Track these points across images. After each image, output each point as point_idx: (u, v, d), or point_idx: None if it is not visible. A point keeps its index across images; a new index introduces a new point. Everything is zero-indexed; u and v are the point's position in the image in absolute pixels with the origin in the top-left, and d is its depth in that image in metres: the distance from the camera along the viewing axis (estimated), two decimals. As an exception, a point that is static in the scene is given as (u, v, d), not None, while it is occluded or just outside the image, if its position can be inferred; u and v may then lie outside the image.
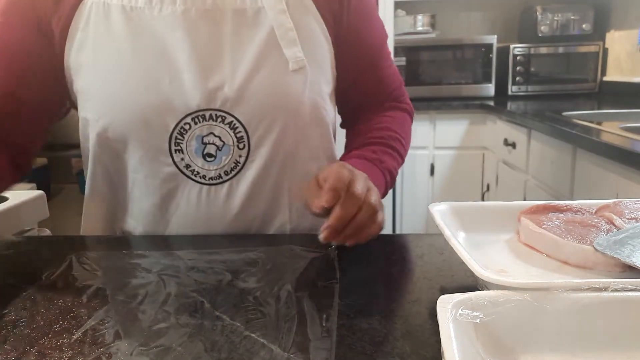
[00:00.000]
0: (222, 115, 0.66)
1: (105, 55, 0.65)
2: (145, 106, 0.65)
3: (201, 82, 0.65)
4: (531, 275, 0.48)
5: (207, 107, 0.65)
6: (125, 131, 0.66)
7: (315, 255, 0.59)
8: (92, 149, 0.69)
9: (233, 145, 0.67)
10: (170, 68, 0.65)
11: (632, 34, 2.29)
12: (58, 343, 0.42)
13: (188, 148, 0.66)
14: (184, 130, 0.66)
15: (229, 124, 0.66)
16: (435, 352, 0.39)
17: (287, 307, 0.47)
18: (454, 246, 0.48)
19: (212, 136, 0.66)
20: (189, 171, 0.67)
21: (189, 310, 0.47)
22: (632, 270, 0.45)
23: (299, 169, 0.72)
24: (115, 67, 0.65)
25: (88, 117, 0.68)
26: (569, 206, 0.58)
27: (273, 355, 0.40)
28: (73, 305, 0.49)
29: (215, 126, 0.66)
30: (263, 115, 0.67)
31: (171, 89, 0.64)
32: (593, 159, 1.37)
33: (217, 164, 0.67)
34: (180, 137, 0.66)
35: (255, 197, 0.70)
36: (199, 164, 0.67)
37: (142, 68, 0.65)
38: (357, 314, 0.46)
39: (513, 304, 0.37)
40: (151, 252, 0.62)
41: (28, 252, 0.64)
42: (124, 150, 0.68)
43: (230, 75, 0.65)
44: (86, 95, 0.67)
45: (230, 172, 0.68)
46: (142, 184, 0.70)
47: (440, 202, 0.59)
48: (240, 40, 0.66)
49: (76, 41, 0.66)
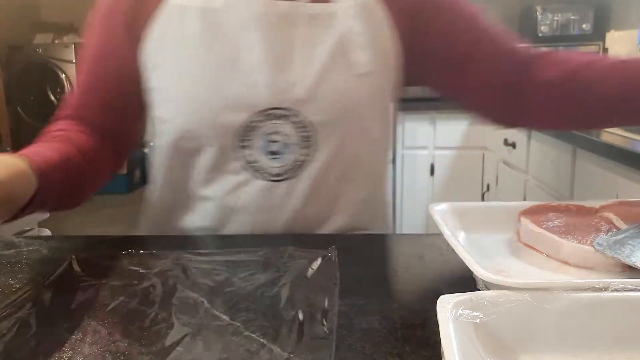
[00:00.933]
0: (289, 114, 0.68)
1: (180, 55, 0.68)
2: (216, 105, 0.67)
3: (272, 81, 0.67)
4: (531, 275, 0.48)
5: (276, 106, 0.67)
6: (197, 129, 0.69)
7: (315, 255, 0.59)
8: (164, 146, 0.72)
9: (298, 144, 0.69)
10: (242, 68, 0.67)
11: (632, 34, 2.29)
12: (58, 343, 0.42)
13: (255, 145, 0.69)
14: (252, 128, 0.68)
15: (295, 124, 0.68)
16: (435, 352, 0.39)
17: (287, 307, 0.47)
18: (454, 246, 0.48)
19: (278, 135, 0.68)
20: (254, 168, 0.69)
21: (189, 310, 0.47)
22: (632, 270, 0.45)
23: (360, 170, 0.74)
24: (189, 67, 0.68)
25: (162, 116, 0.71)
26: (569, 206, 0.58)
27: (273, 355, 0.40)
28: (73, 305, 0.49)
29: (281, 125, 0.68)
30: (329, 117, 0.69)
31: (242, 88, 0.67)
32: (593, 159, 1.37)
33: (280, 162, 0.69)
34: (248, 135, 0.68)
35: (315, 196, 0.71)
36: (263, 161, 0.69)
37: (214, 68, 0.67)
38: (357, 314, 0.46)
39: (513, 304, 0.37)
40: (151, 252, 0.61)
41: (28, 252, 0.64)
42: (194, 147, 0.70)
43: (301, 76, 0.68)
44: (161, 94, 0.71)
45: (293, 170, 0.70)
46: (208, 181, 0.72)
47: (441, 202, 0.59)
48: (312, 43, 0.69)
49: (154, 41, 0.69)
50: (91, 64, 0.75)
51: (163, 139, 0.72)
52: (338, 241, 0.65)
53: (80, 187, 0.69)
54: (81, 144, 0.69)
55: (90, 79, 0.75)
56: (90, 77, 0.75)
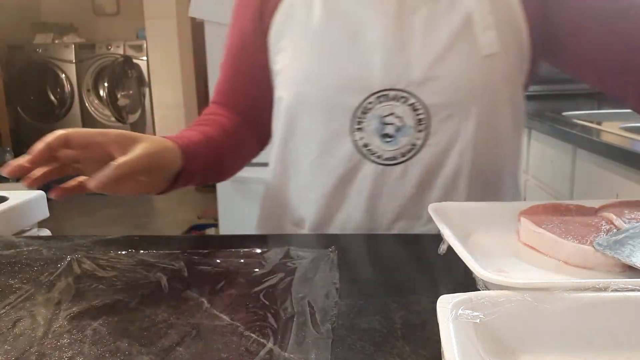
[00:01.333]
0: (405, 95, 0.66)
1: (302, 38, 0.70)
2: (332, 85, 0.68)
3: (388, 62, 0.66)
4: (531, 275, 0.48)
5: (391, 87, 0.66)
6: (312, 108, 0.69)
7: (315, 255, 0.59)
8: (280, 128, 0.74)
9: (413, 127, 0.67)
10: (359, 48, 0.67)
11: (632, 34, 2.28)
12: (58, 343, 0.42)
13: (368, 127, 0.68)
14: (366, 109, 0.67)
15: (411, 105, 0.66)
16: (435, 352, 0.39)
17: (286, 307, 0.47)
18: (454, 246, 0.48)
19: (393, 117, 0.67)
20: (366, 150, 0.69)
21: (189, 310, 0.47)
22: (632, 270, 0.45)
23: (479, 157, 0.70)
24: (309, 47, 0.69)
25: (281, 96, 0.73)
26: (569, 206, 0.58)
27: (273, 355, 0.40)
28: (73, 305, 0.49)
29: (397, 106, 0.67)
30: (448, 100, 0.66)
31: (358, 69, 0.67)
32: (593, 159, 1.37)
33: (394, 145, 0.68)
34: (362, 116, 0.67)
35: (429, 182, 0.69)
36: (376, 144, 0.68)
37: (332, 47, 0.68)
38: (357, 314, 0.46)
39: (513, 304, 0.37)
40: (151, 252, 0.62)
41: (28, 252, 0.64)
42: (308, 127, 0.71)
43: (419, 56, 0.66)
44: (282, 75, 0.73)
45: (407, 154, 0.68)
46: (319, 165, 0.72)
47: (440, 202, 0.59)
48: (433, 23, 0.66)
49: (279, 26, 0.72)
50: (230, 54, 0.80)
51: (279, 121, 0.74)
52: (338, 241, 0.65)
53: (223, 163, 0.76)
54: (224, 126, 0.76)
55: (230, 68, 0.80)
56: (230, 67, 0.80)
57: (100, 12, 4.89)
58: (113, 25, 4.87)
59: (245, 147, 0.81)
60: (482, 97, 0.68)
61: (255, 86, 0.79)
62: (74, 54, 4.52)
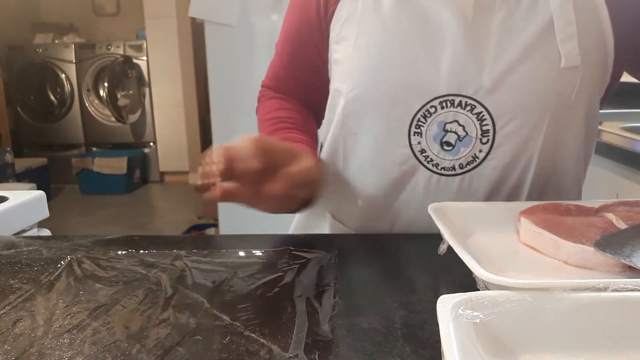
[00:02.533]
0: (472, 103, 0.62)
1: (369, 29, 0.65)
2: (396, 83, 0.64)
3: (458, 65, 0.62)
4: (531, 275, 0.48)
5: (457, 93, 0.62)
6: (372, 105, 0.65)
7: (314, 255, 0.59)
8: (336, 119, 0.70)
9: (476, 137, 0.63)
10: (429, 48, 0.63)
11: (632, 34, 2.28)
12: (58, 343, 0.42)
13: (427, 132, 0.64)
14: (428, 113, 0.63)
15: (477, 115, 0.62)
16: (435, 352, 0.39)
17: (287, 307, 0.47)
18: (454, 246, 0.48)
19: (456, 124, 0.63)
20: (422, 157, 0.65)
21: (189, 310, 0.47)
22: (632, 270, 0.45)
23: (543, 171, 0.66)
24: (376, 41, 0.65)
25: (340, 88, 0.69)
26: (569, 206, 0.58)
27: (273, 355, 0.40)
28: (73, 305, 0.49)
29: (461, 114, 0.63)
30: (517, 111, 0.62)
31: (425, 69, 0.63)
32: (593, 159, 1.37)
33: (453, 155, 0.64)
34: (422, 120, 0.64)
35: (491, 198, 0.66)
36: (434, 151, 0.64)
37: (401, 45, 0.64)
38: (357, 314, 0.46)
39: (513, 304, 0.37)
40: (151, 252, 0.62)
41: (28, 252, 0.64)
42: (366, 123, 0.67)
43: (491, 62, 0.62)
44: (342, 66, 0.69)
45: (466, 165, 0.64)
46: (371, 166, 0.68)
47: (440, 202, 0.59)
48: (510, 28, 0.62)
49: (343, 15, 0.68)
50: (289, 37, 0.77)
51: (334, 113, 0.71)
52: (338, 241, 0.65)
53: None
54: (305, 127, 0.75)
55: (287, 53, 0.78)
56: (287, 52, 0.78)
57: (100, 12, 4.89)
58: (113, 25, 4.87)
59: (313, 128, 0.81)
60: (554, 113, 0.63)
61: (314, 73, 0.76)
62: (74, 54, 4.52)
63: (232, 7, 2.16)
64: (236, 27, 2.21)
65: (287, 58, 0.78)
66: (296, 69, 0.78)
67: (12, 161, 3.68)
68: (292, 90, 0.79)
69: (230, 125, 2.26)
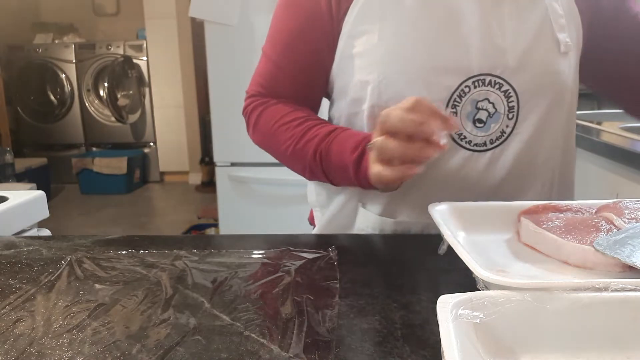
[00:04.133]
0: (500, 82, 0.68)
1: (393, 20, 0.68)
2: (428, 67, 0.67)
3: (486, 47, 0.67)
4: (531, 275, 0.48)
5: (488, 72, 0.67)
6: (406, 92, 0.67)
7: (315, 255, 0.59)
8: (368, 110, 0.71)
9: (504, 113, 0.69)
10: (456, 32, 0.67)
11: (632, 34, 2.28)
12: (58, 343, 0.42)
13: (462, 111, 0.68)
14: (463, 92, 0.68)
15: (504, 92, 0.68)
16: (435, 352, 0.39)
17: (287, 307, 0.47)
18: (454, 246, 0.48)
19: (487, 102, 0.68)
20: (456, 135, 0.69)
21: (189, 310, 0.47)
22: (632, 270, 0.45)
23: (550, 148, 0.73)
24: (401, 29, 0.68)
25: (368, 79, 0.70)
26: (569, 206, 0.58)
27: (273, 355, 0.40)
28: (73, 305, 0.49)
29: (491, 92, 0.68)
30: (535, 90, 0.69)
31: (456, 52, 0.67)
32: (593, 159, 1.37)
33: (485, 131, 0.69)
34: (458, 100, 0.68)
35: (516, 170, 0.71)
36: (468, 129, 0.69)
37: (429, 29, 0.68)
38: (357, 314, 0.46)
39: (513, 304, 0.37)
40: (151, 252, 0.62)
41: (28, 252, 0.64)
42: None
43: (512, 44, 0.68)
44: (368, 57, 0.70)
45: (495, 141, 0.69)
46: None
47: (440, 202, 0.59)
48: (518, 17, 0.69)
49: (359, 10, 0.70)
50: (286, 39, 0.76)
51: (364, 104, 0.71)
52: (338, 241, 0.65)
53: None
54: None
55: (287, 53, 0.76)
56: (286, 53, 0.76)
57: (100, 12, 4.89)
58: (113, 25, 4.87)
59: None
60: (559, 90, 0.71)
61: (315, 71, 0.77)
62: (74, 54, 4.52)
63: (232, 7, 2.16)
64: (236, 27, 2.21)
65: (285, 59, 0.77)
66: (295, 68, 0.77)
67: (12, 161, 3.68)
68: (288, 92, 0.78)
69: (230, 125, 2.26)
